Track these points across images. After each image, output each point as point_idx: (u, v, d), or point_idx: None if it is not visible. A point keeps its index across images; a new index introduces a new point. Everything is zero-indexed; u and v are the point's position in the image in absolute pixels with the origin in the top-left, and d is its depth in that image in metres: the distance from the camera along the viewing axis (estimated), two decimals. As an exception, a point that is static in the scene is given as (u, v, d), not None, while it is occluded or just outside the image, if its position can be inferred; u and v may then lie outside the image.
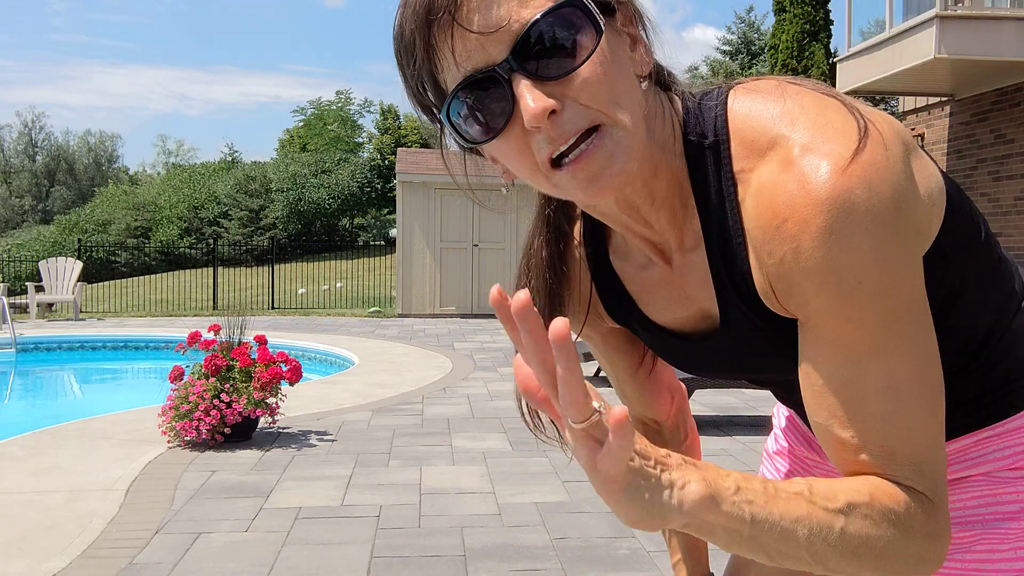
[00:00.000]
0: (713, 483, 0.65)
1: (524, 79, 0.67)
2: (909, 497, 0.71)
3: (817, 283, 0.69)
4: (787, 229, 0.69)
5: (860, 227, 0.67)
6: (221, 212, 29.06)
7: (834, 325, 0.70)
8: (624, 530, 3.40)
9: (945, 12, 8.93)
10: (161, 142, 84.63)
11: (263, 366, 4.84)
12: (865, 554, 0.69)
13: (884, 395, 0.70)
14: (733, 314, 0.81)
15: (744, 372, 0.93)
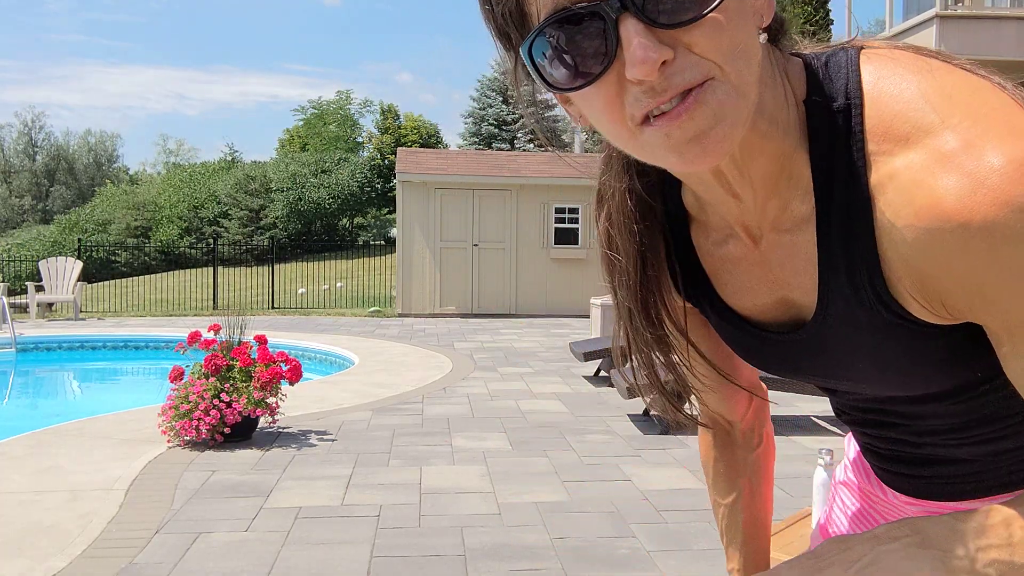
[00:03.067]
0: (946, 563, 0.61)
1: (636, 21, 0.55)
2: None
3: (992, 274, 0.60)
4: (968, 232, 0.60)
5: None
6: (221, 212, 29.06)
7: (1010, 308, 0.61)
8: (624, 530, 3.41)
9: (945, 12, 8.94)
10: (162, 142, 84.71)
11: (263, 366, 4.84)
12: None
13: None
14: (835, 308, 0.72)
15: (819, 375, 0.83)
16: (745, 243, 0.76)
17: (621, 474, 4.29)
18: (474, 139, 35.31)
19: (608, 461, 4.55)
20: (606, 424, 5.55)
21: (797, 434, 5.32)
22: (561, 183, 14.47)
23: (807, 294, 0.74)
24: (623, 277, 0.80)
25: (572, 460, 4.57)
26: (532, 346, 10.01)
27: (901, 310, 0.68)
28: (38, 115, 78.77)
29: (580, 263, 14.59)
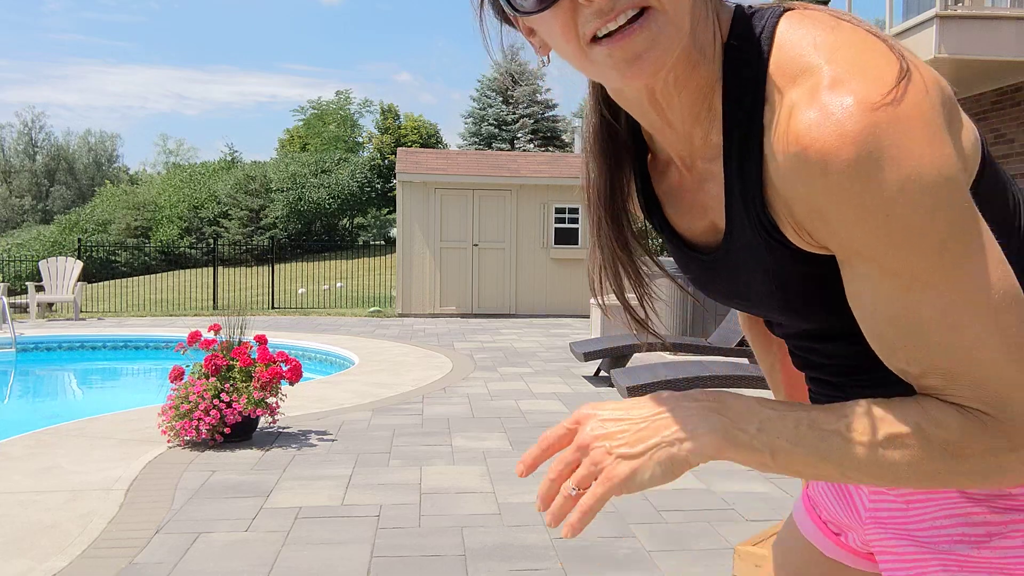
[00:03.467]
0: (727, 431, 0.72)
1: None
2: (963, 418, 0.69)
3: (855, 218, 0.67)
4: (810, 158, 0.67)
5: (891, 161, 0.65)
6: (221, 212, 29.07)
7: (880, 259, 0.68)
8: (624, 530, 3.41)
9: (945, 12, 8.93)
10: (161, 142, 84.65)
11: (263, 366, 4.84)
12: (910, 475, 0.71)
13: (940, 323, 0.68)
14: (738, 232, 0.80)
15: (738, 299, 0.91)
16: (681, 171, 0.86)
17: (621, 474, 4.29)
18: (474, 139, 35.30)
19: (608, 461, 4.55)
20: (606, 424, 5.55)
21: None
22: (561, 183, 14.48)
23: (723, 219, 0.82)
24: (595, 193, 0.90)
25: (572, 460, 4.57)
26: (532, 346, 10.01)
27: (779, 235, 0.76)
28: (38, 115, 78.76)
29: (580, 263, 14.59)
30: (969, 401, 0.69)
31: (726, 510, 3.70)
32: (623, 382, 5.43)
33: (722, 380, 5.36)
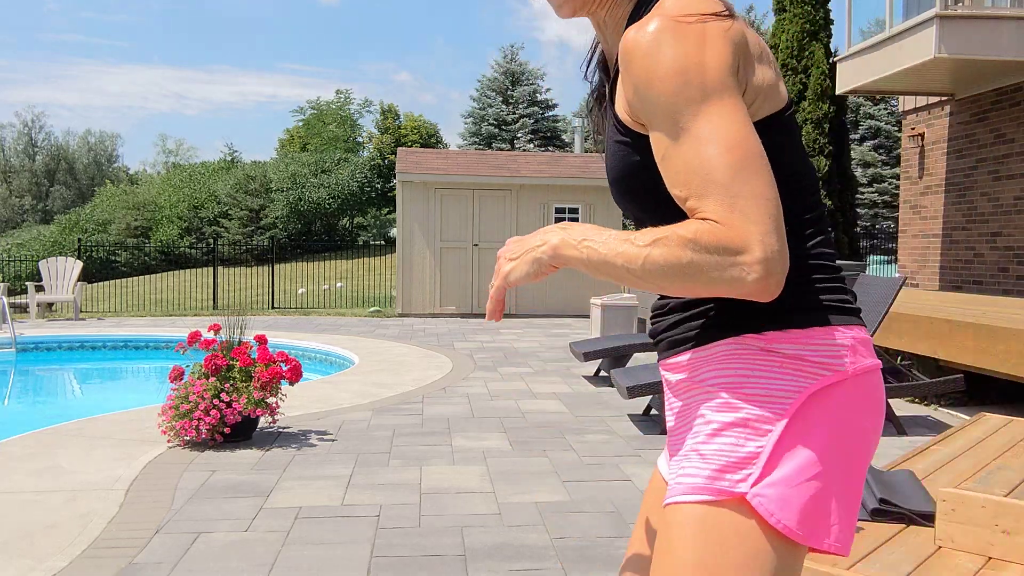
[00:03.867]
0: (563, 239, 1.08)
1: None
2: (700, 225, 0.98)
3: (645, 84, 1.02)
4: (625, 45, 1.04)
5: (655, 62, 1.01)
6: (221, 212, 29.06)
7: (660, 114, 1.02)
8: (624, 530, 3.41)
9: (945, 12, 8.93)
10: (161, 142, 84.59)
11: (263, 366, 4.84)
12: (673, 272, 0.99)
13: (694, 156, 0.99)
14: (610, 114, 1.18)
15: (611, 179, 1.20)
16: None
17: (621, 474, 4.29)
18: (474, 139, 35.27)
19: (608, 461, 4.56)
20: (606, 424, 5.55)
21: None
22: (561, 183, 14.48)
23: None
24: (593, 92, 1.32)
25: (572, 460, 4.57)
26: (532, 346, 10.01)
27: (616, 118, 1.13)
28: (38, 115, 78.73)
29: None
30: (708, 215, 0.98)
31: (726, 510, 3.70)
32: (623, 382, 5.42)
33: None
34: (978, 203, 10.72)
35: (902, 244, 12.47)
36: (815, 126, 14.02)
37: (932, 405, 6.41)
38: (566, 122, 36.31)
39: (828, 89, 13.98)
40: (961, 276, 11.05)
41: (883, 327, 6.56)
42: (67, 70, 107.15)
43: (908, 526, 2.28)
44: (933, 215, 11.71)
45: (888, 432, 5.42)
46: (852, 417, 1.06)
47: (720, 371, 1.10)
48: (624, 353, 7.17)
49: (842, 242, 14.13)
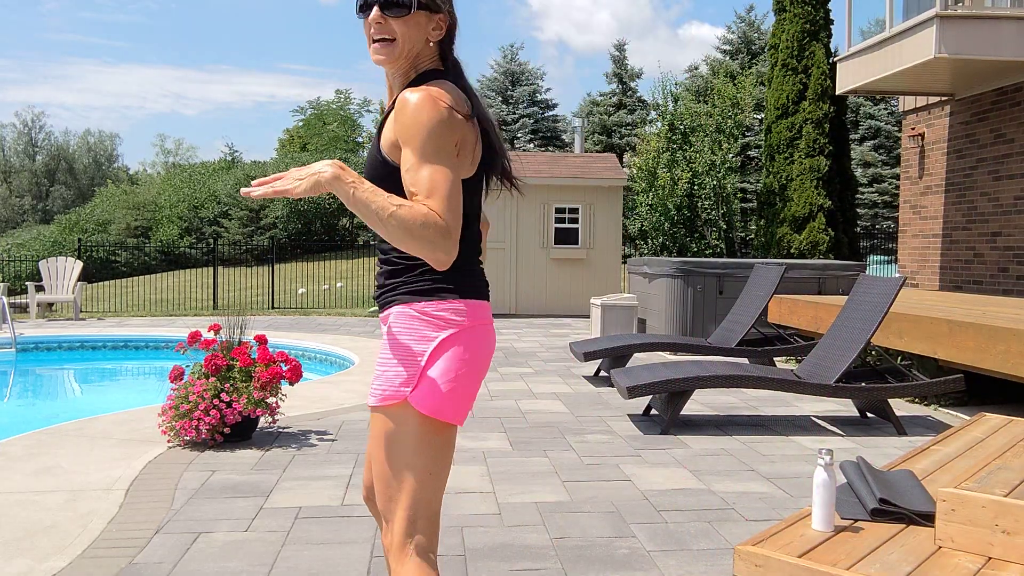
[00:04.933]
0: (340, 174, 1.61)
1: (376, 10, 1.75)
2: (429, 212, 1.60)
3: (403, 130, 1.66)
4: (399, 103, 1.68)
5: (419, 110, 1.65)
6: (221, 212, 29.05)
7: (408, 151, 1.66)
8: (624, 530, 3.41)
9: (945, 12, 8.93)
10: (160, 141, 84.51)
11: (263, 366, 4.83)
12: (404, 229, 1.58)
13: (420, 175, 1.63)
14: (372, 146, 1.79)
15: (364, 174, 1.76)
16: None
17: (621, 474, 4.29)
18: (474, 139, 35.07)
19: (608, 461, 4.56)
20: (606, 424, 5.55)
21: (797, 434, 5.32)
22: (561, 183, 14.48)
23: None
24: None
25: (572, 460, 4.57)
26: (532, 346, 10.01)
27: (378, 148, 1.76)
28: (38, 115, 78.65)
29: (580, 263, 14.60)
30: (434, 209, 1.60)
31: (726, 510, 3.70)
32: (623, 382, 5.42)
33: (722, 380, 5.36)
34: (978, 203, 10.72)
35: (902, 244, 12.47)
36: (815, 126, 14.02)
37: (932, 405, 6.41)
38: (566, 122, 36.30)
39: (828, 89, 13.98)
40: (961, 276, 11.05)
41: (883, 327, 6.56)
42: (65, 70, 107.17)
43: (908, 526, 2.28)
44: (933, 215, 11.71)
45: (888, 432, 5.42)
46: (472, 350, 1.75)
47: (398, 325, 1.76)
48: (624, 353, 7.17)
49: (842, 242, 14.13)
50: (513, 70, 35.76)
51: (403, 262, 1.76)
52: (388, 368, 1.75)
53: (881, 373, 5.96)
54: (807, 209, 13.93)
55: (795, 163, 14.18)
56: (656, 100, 20.60)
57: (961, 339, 5.74)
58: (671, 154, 19.15)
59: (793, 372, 5.76)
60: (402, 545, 1.75)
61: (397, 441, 1.75)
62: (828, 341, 5.82)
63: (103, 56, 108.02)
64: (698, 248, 19.29)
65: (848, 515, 2.33)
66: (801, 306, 8.22)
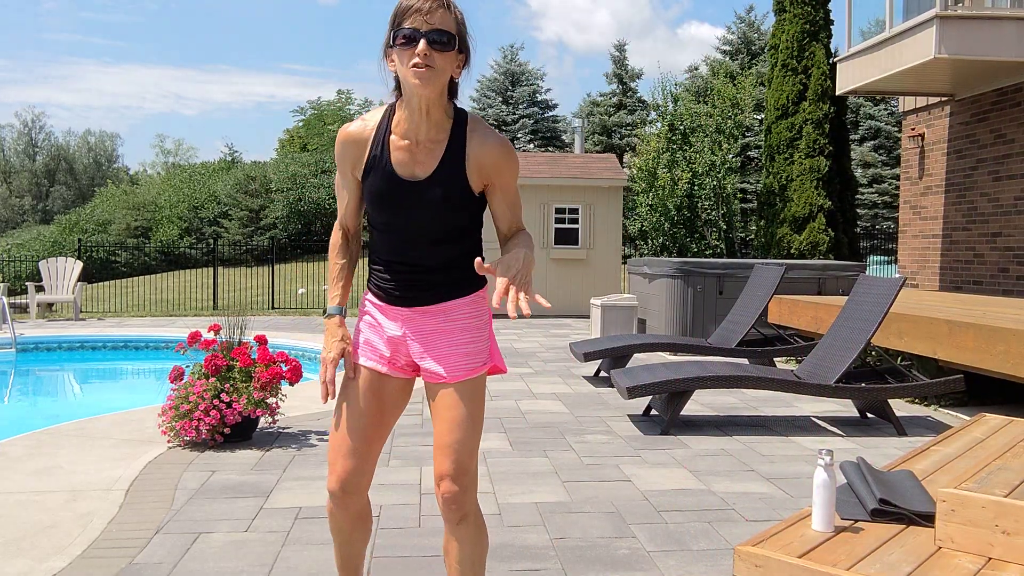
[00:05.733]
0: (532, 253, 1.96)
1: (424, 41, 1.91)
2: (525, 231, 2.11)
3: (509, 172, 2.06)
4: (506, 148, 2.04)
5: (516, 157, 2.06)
6: (221, 212, 29.06)
7: (509, 187, 2.08)
8: (624, 530, 3.41)
9: (945, 12, 8.93)
10: (160, 141, 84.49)
11: (263, 366, 4.84)
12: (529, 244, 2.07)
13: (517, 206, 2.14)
14: (443, 172, 2.00)
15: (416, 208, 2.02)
16: (411, 142, 2.01)
17: (621, 474, 4.29)
18: (474, 139, 35.08)
19: (608, 461, 4.56)
20: (606, 424, 5.55)
21: (797, 434, 5.32)
22: (561, 183, 14.48)
23: (427, 169, 2.00)
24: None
25: (572, 460, 4.57)
26: (532, 346, 10.01)
27: (466, 182, 2.02)
28: (38, 115, 78.65)
29: (580, 263, 14.60)
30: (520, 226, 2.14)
31: (726, 510, 3.70)
32: (623, 382, 5.42)
33: (722, 380, 5.36)
34: (978, 203, 10.72)
35: (902, 244, 12.47)
36: (815, 126, 14.02)
37: (932, 405, 6.41)
38: (566, 122, 36.30)
39: (828, 89, 13.98)
40: (961, 277, 11.05)
41: (883, 327, 6.56)
42: (64, 70, 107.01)
43: (908, 526, 2.28)
44: (933, 215, 11.71)
45: (888, 432, 5.42)
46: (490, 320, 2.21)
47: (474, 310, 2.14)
48: (624, 353, 7.17)
49: (842, 242, 14.14)
50: (513, 70, 35.76)
51: (465, 262, 2.10)
52: (474, 345, 2.10)
53: (881, 373, 5.96)
54: (807, 209, 13.93)
55: (795, 163, 14.18)
56: (656, 100, 20.59)
57: (961, 339, 5.74)
58: (671, 154, 19.15)
59: (793, 372, 5.76)
60: (475, 489, 2.08)
61: (480, 403, 2.10)
62: (828, 341, 5.82)
63: (102, 56, 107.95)
64: (698, 248, 19.29)
65: (848, 515, 2.33)
66: (801, 306, 8.22)
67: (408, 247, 2.06)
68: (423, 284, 2.09)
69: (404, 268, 2.08)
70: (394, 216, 2.03)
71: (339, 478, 2.10)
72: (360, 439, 2.11)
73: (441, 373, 2.08)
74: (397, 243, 2.08)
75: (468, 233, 2.08)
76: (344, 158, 2.08)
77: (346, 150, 2.06)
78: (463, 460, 2.04)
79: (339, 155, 2.08)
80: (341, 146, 2.06)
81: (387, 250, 2.10)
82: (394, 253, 2.09)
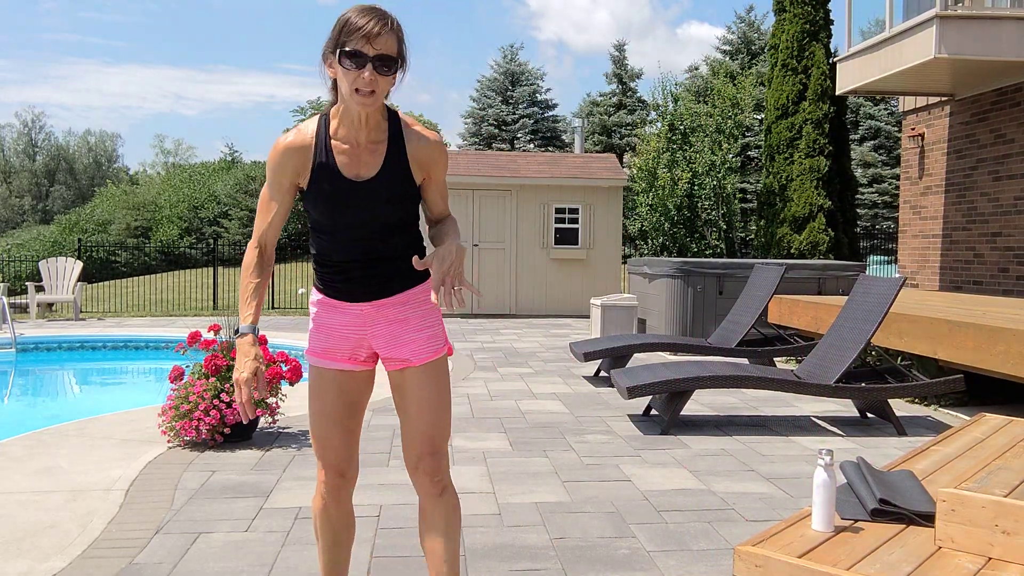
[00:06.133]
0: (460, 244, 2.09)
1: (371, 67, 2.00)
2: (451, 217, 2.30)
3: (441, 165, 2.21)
4: (439, 143, 2.19)
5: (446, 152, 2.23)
6: (221, 212, 29.05)
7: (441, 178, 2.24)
8: (624, 530, 3.41)
9: (945, 12, 8.93)
10: (159, 142, 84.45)
11: (263, 366, 4.83)
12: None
13: (446, 200, 2.29)
14: (387, 171, 2.11)
15: (364, 207, 2.12)
16: (352, 146, 2.11)
17: (621, 474, 4.29)
18: (474, 139, 35.24)
19: (608, 461, 4.56)
20: (606, 424, 5.55)
21: (797, 434, 5.32)
22: (561, 183, 14.48)
23: (372, 168, 2.11)
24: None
25: (572, 460, 4.57)
26: (532, 346, 10.01)
27: (409, 175, 2.15)
28: (38, 115, 78.61)
29: (580, 263, 14.60)
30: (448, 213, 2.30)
31: (726, 510, 3.70)
32: (623, 382, 5.42)
33: (722, 380, 5.36)
34: (978, 203, 10.73)
35: (902, 244, 12.47)
36: (815, 126, 14.03)
37: (932, 405, 6.41)
38: (566, 122, 36.30)
39: (828, 89, 13.98)
40: (961, 276, 11.05)
41: (883, 327, 6.56)
42: (65, 70, 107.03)
43: (908, 526, 2.28)
44: (933, 215, 11.71)
45: (888, 432, 5.42)
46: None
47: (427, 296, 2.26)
48: (624, 353, 7.17)
49: (842, 242, 14.14)
50: (513, 70, 35.76)
51: (411, 252, 2.21)
52: (433, 329, 2.24)
53: (881, 373, 5.96)
54: (807, 209, 13.93)
55: (795, 163, 14.18)
56: (656, 100, 20.60)
57: (961, 339, 5.74)
58: (671, 154, 19.16)
59: (793, 372, 5.76)
60: (448, 462, 2.27)
61: (447, 383, 2.26)
62: (828, 341, 5.82)
63: (102, 56, 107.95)
64: (698, 248, 19.29)
65: (848, 515, 2.33)
66: (801, 306, 8.22)
67: (360, 244, 2.15)
68: (380, 277, 2.19)
69: (358, 265, 2.17)
70: (344, 216, 2.10)
71: (334, 468, 2.28)
72: (341, 432, 2.27)
73: (407, 359, 2.21)
74: (348, 242, 2.15)
75: (412, 223, 2.21)
76: (283, 169, 2.11)
77: (286, 160, 2.10)
78: (440, 436, 2.22)
79: (276, 166, 2.11)
80: (280, 156, 2.10)
81: (339, 251, 2.16)
82: (346, 252, 2.16)
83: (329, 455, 2.27)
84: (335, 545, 2.35)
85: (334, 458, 2.27)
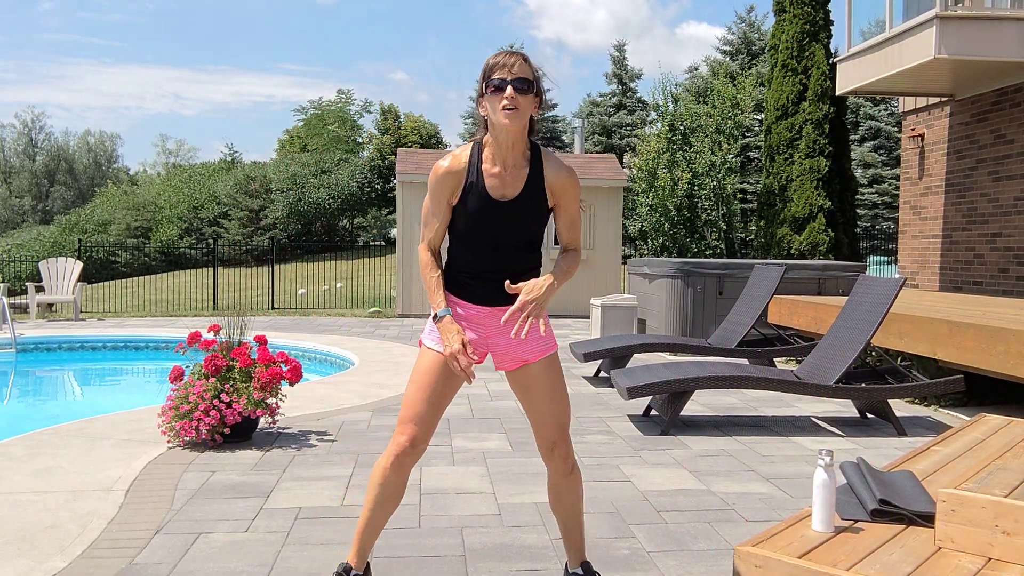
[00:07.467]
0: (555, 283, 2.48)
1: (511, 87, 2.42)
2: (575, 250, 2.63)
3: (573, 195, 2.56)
4: (573, 175, 2.55)
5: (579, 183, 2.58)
6: (221, 212, 29.06)
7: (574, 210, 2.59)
8: (624, 530, 3.41)
9: (945, 12, 8.93)
10: (161, 142, 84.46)
11: (263, 366, 4.83)
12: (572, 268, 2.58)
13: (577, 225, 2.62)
14: (528, 193, 2.50)
15: (509, 224, 2.49)
16: (500, 170, 2.49)
17: (621, 474, 4.29)
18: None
19: (608, 461, 4.56)
20: (606, 424, 5.55)
21: (797, 435, 5.32)
22: (561, 183, 14.45)
23: (515, 190, 2.50)
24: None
25: (572, 460, 4.56)
26: (532, 346, 10.00)
27: (545, 199, 2.54)
28: (38, 115, 78.58)
29: (580, 263, 14.58)
30: (576, 246, 2.63)
31: (726, 510, 3.70)
32: (623, 383, 5.42)
33: (722, 380, 5.36)
34: (978, 204, 10.73)
35: (902, 245, 12.47)
36: (815, 127, 14.03)
37: (932, 406, 6.41)
38: (566, 122, 36.30)
39: (828, 90, 13.98)
40: (961, 277, 11.05)
41: (883, 327, 6.56)
42: (64, 70, 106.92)
43: (908, 527, 2.28)
44: (933, 216, 11.71)
45: (888, 433, 5.42)
46: None
47: None
48: (624, 353, 7.17)
49: (842, 243, 14.14)
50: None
51: (535, 268, 2.59)
52: (546, 328, 2.54)
53: (881, 374, 5.96)
54: (807, 210, 13.93)
55: (795, 164, 14.18)
56: (656, 101, 20.59)
57: (961, 339, 5.74)
58: (671, 155, 19.15)
59: (793, 373, 5.76)
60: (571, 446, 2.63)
61: (562, 374, 2.66)
62: (828, 342, 5.82)
63: (101, 56, 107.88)
64: (698, 249, 19.29)
65: (848, 516, 2.33)
66: (801, 307, 8.22)
67: (497, 256, 2.52)
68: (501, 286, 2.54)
69: (492, 275, 2.52)
70: (488, 230, 2.48)
71: (411, 436, 2.51)
72: (431, 408, 2.54)
73: (525, 358, 2.59)
74: (488, 253, 2.51)
75: (539, 243, 2.59)
76: (442, 188, 2.49)
77: (444, 182, 2.48)
78: (567, 422, 2.61)
79: (436, 187, 2.50)
80: (440, 179, 2.49)
81: (479, 260, 2.53)
82: (485, 262, 2.52)
83: (410, 422, 2.52)
84: (380, 505, 2.53)
85: (412, 427, 2.51)
